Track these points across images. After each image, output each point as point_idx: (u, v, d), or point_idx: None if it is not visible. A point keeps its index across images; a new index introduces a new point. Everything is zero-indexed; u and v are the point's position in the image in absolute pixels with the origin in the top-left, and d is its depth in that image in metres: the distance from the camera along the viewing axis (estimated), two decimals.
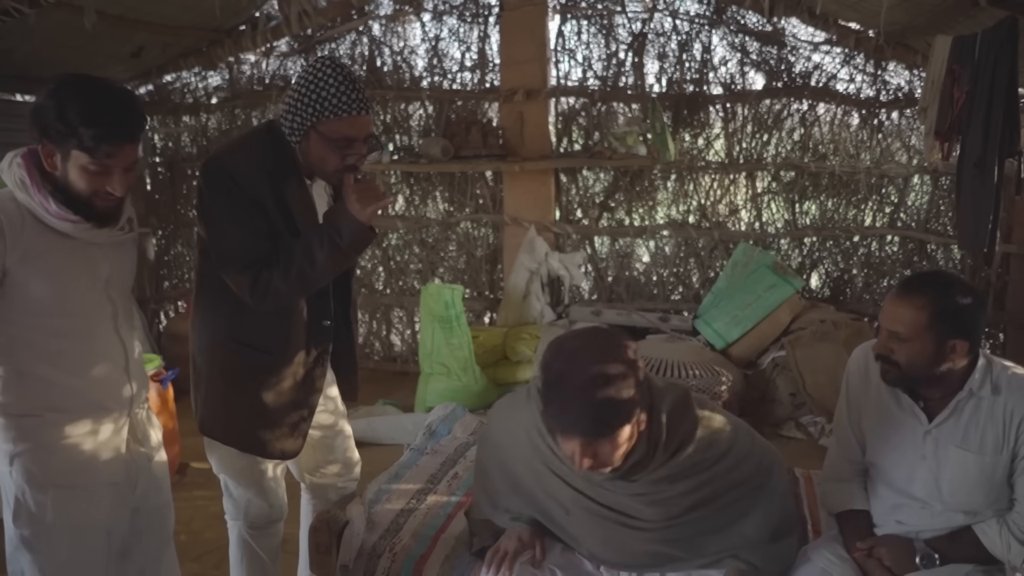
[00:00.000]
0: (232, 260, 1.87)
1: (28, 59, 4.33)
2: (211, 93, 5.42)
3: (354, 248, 1.89)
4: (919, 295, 1.75)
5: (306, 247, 1.85)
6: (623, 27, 4.92)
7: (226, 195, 1.85)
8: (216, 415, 2.06)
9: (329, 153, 1.85)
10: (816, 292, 5.03)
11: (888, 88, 4.70)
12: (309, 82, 1.82)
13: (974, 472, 1.76)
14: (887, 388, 1.89)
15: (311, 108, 1.81)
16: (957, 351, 1.73)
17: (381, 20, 5.12)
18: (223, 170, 1.86)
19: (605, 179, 5.17)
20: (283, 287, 1.86)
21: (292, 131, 1.87)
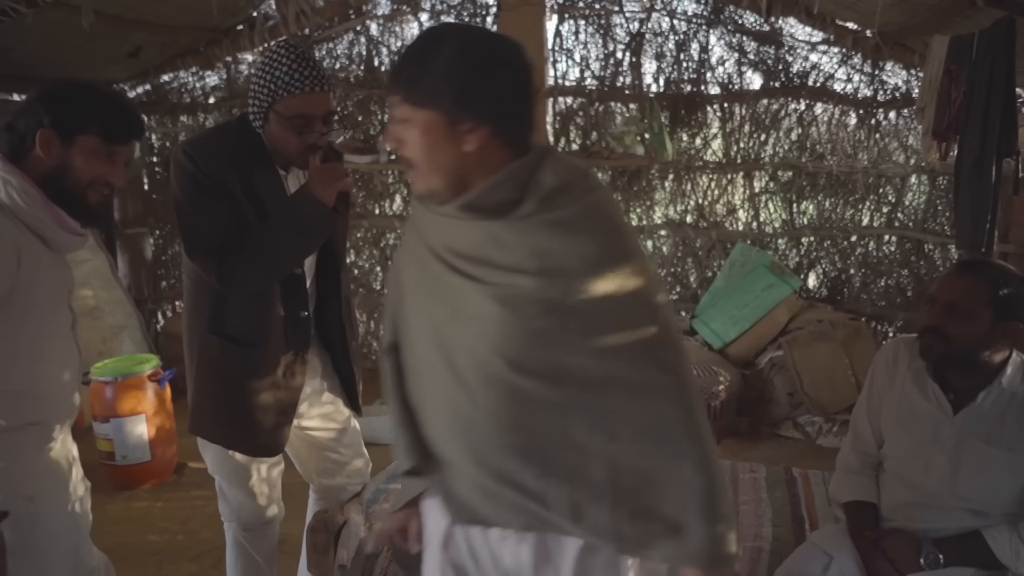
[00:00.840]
0: (197, 244, 1.88)
1: (25, 59, 4.32)
2: (209, 93, 5.41)
3: (316, 230, 1.90)
4: (984, 272, 1.77)
5: (269, 230, 1.87)
6: (621, 27, 4.93)
7: (190, 180, 1.85)
8: (202, 411, 2.06)
9: (288, 133, 1.85)
10: (813, 292, 5.03)
11: (885, 88, 4.70)
12: (264, 64, 1.84)
13: (994, 468, 1.74)
14: (914, 379, 1.88)
15: (266, 89, 1.82)
16: (1009, 334, 1.73)
17: (379, 20, 5.11)
18: (187, 155, 1.86)
19: (603, 179, 5.17)
20: (249, 271, 1.86)
21: (255, 115, 1.88)
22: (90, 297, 4.49)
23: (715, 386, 3.99)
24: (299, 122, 1.84)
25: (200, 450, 2.14)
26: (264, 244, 1.86)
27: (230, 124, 2.00)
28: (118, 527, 3.19)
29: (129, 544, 3.03)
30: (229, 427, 2.04)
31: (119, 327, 4.57)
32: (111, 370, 3.56)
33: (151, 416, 3.52)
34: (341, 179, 1.88)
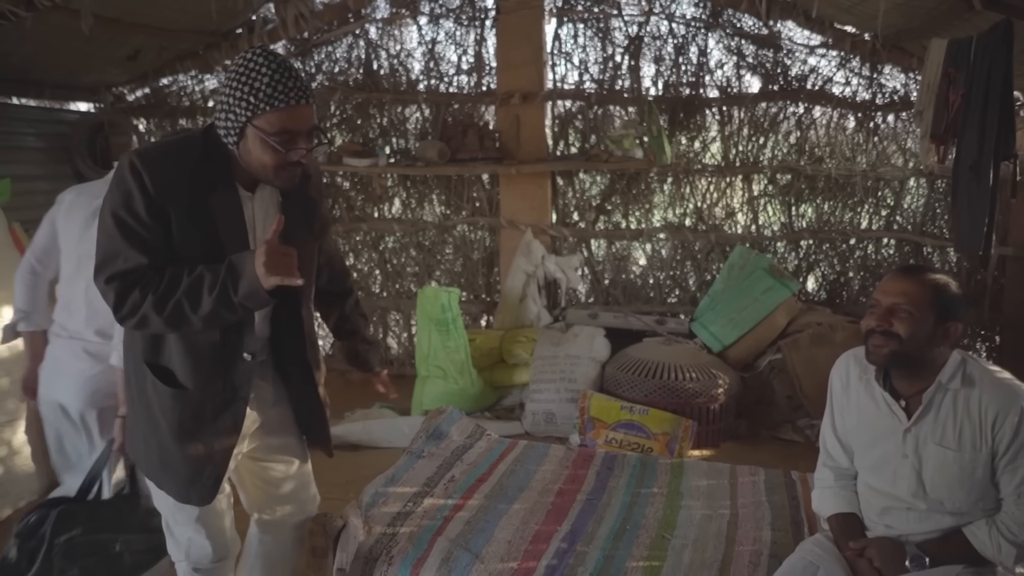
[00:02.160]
0: (107, 266, 1.68)
1: (24, 62, 4.33)
2: (207, 96, 5.41)
3: (245, 307, 1.68)
4: (923, 275, 1.83)
5: (195, 284, 1.66)
6: (619, 30, 4.93)
7: (127, 196, 1.66)
8: (135, 442, 1.92)
9: (268, 150, 1.67)
10: (812, 295, 5.03)
11: (884, 91, 4.71)
12: (240, 74, 1.64)
13: (954, 469, 1.78)
14: (865, 390, 1.93)
15: (244, 102, 1.63)
16: (951, 334, 1.80)
17: (377, 23, 5.12)
18: (134, 169, 1.65)
19: (601, 182, 5.17)
20: (152, 315, 1.66)
21: (227, 131, 1.69)
22: None
23: (714, 389, 3.98)
24: (282, 138, 1.66)
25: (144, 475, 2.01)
26: (182, 296, 1.66)
27: (192, 137, 1.77)
28: None
29: None
30: (159, 468, 1.88)
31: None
32: None
33: None
34: (290, 274, 1.64)
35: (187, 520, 1.96)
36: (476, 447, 2.91)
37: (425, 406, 4.27)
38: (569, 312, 4.85)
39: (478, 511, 2.40)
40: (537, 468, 2.75)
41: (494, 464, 2.77)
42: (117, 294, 1.66)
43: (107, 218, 1.68)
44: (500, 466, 2.75)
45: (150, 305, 1.64)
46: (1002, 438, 1.73)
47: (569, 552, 2.17)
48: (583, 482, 2.65)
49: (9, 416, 3.34)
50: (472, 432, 3.02)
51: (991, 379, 1.79)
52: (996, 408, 1.74)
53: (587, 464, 2.81)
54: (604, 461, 2.84)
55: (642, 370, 4.04)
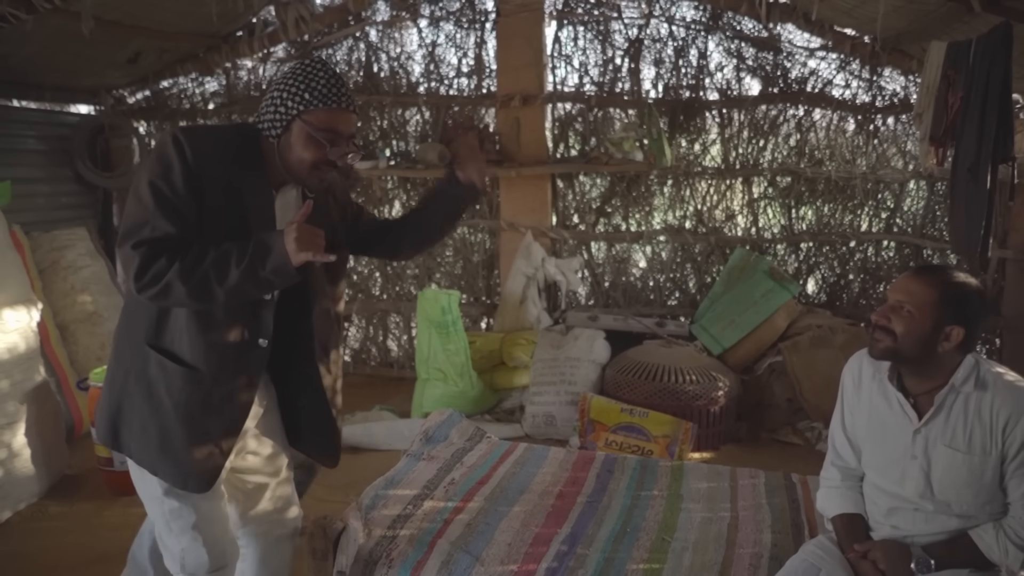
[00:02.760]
0: (134, 232, 1.66)
1: (25, 65, 4.33)
2: (208, 99, 5.42)
3: (272, 282, 1.69)
4: (935, 276, 1.83)
5: (223, 256, 1.66)
6: (619, 33, 4.94)
7: (167, 168, 1.68)
8: (128, 426, 1.84)
9: (311, 145, 1.75)
10: (812, 297, 5.03)
11: (884, 94, 4.71)
12: (297, 75, 1.76)
13: (963, 472, 1.78)
14: (878, 390, 1.92)
15: (298, 96, 1.74)
16: (952, 337, 1.78)
17: (378, 26, 5.13)
18: (177, 143, 1.69)
19: (602, 184, 5.18)
20: (177, 285, 1.63)
21: (273, 124, 1.77)
22: (89, 303, 4.48)
23: (714, 392, 3.98)
24: (327, 136, 1.76)
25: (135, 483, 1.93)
26: (209, 268, 1.65)
27: (228, 128, 1.90)
28: (116, 533, 3.17)
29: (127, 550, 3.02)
30: (158, 452, 1.82)
31: None
32: None
33: None
34: (319, 250, 1.67)
35: (183, 529, 1.89)
36: (476, 450, 2.91)
37: (425, 408, 4.27)
38: (569, 314, 4.85)
39: (478, 514, 2.39)
40: (537, 471, 2.75)
41: (494, 467, 2.77)
42: (143, 260, 1.63)
43: (143, 186, 1.68)
44: (500, 469, 2.75)
45: (176, 273, 1.62)
46: (1012, 442, 1.73)
47: (569, 555, 2.17)
48: (583, 485, 2.65)
49: (9, 419, 3.34)
50: (472, 435, 3.02)
51: (1004, 383, 1.79)
52: (1008, 412, 1.74)
53: (587, 467, 2.81)
54: (604, 464, 2.84)
55: (642, 373, 4.04)
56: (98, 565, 2.95)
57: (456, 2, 5.03)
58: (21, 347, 3.48)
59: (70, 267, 4.50)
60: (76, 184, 5.06)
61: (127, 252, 1.65)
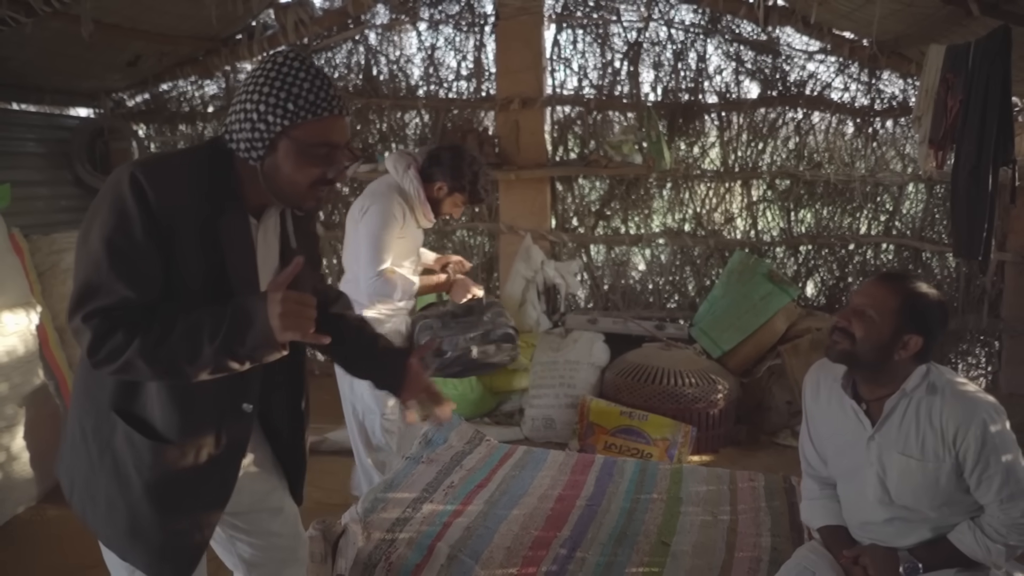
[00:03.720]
0: (85, 300, 1.38)
1: (24, 68, 4.34)
2: (207, 102, 5.43)
3: (253, 359, 1.42)
4: (899, 283, 1.83)
5: (194, 330, 1.38)
6: (618, 36, 4.95)
7: (124, 218, 1.38)
8: (94, 504, 1.56)
9: (304, 165, 1.46)
10: (812, 300, 5.03)
11: (882, 97, 4.72)
12: (274, 79, 1.43)
13: (918, 477, 1.79)
14: (835, 398, 1.94)
15: (280, 109, 1.42)
16: (910, 346, 1.79)
17: (377, 29, 5.13)
18: (136, 185, 1.37)
19: (601, 187, 5.18)
20: (139, 363, 1.37)
21: (252, 144, 1.45)
22: None
23: (713, 394, 3.98)
24: (322, 151, 1.47)
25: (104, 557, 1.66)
26: (177, 346, 1.38)
27: (195, 152, 1.52)
28: None
29: None
30: (127, 536, 1.54)
31: None
32: None
33: None
34: (310, 326, 1.41)
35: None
36: (475, 453, 2.91)
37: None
38: (568, 317, 4.85)
39: (477, 517, 2.39)
40: (536, 474, 2.75)
41: (493, 470, 2.77)
42: (95, 334, 1.36)
43: (94, 243, 1.39)
44: (499, 472, 2.75)
45: (136, 351, 1.36)
46: (967, 451, 1.73)
47: (569, 558, 2.17)
48: (582, 488, 2.65)
49: (8, 422, 3.34)
50: (471, 438, 3.02)
51: (953, 391, 1.78)
52: (957, 422, 1.74)
53: (586, 470, 2.81)
54: (603, 467, 2.84)
55: (641, 375, 4.03)
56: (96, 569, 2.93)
57: (455, 5, 5.04)
58: (20, 350, 3.48)
59: (69, 270, 4.49)
60: (75, 187, 5.05)
61: (77, 324, 1.38)
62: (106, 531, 1.57)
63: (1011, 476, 1.71)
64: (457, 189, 2.93)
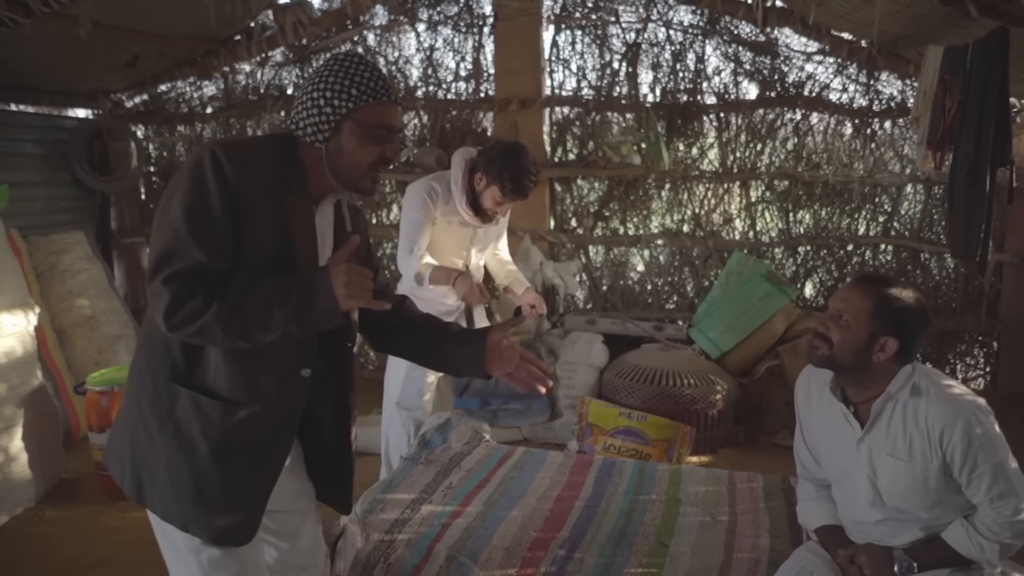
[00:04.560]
0: (165, 263, 1.46)
1: (23, 69, 4.34)
2: (206, 103, 5.43)
3: (316, 327, 1.54)
4: (871, 286, 1.85)
5: (266, 299, 1.49)
6: (617, 37, 4.95)
7: (203, 188, 1.48)
8: (155, 482, 1.60)
9: (367, 144, 1.60)
10: (810, 301, 5.04)
11: (881, 98, 4.72)
12: (337, 71, 1.59)
13: (907, 479, 1.80)
14: (826, 402, 1.96)
15: (344, 94, 1.58)
16: (886, 348, 1.80)
17: (376, 30, 5.13)
18: (215, 159, 1.49)
19: (599, 188, 5.18)
20: (215, 328, 1.46)
21: (319, 127, 1.59)
22: (86, 307, 4.48)
23: (712, 395, 3.98)
24: (381, 132, 1.61)
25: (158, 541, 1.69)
26: (249, 312, 1.48)
27: (267, 138, 1.66)
28: (113, 537, 3.17)
29: (124, 555, 3.02)
30: (192, 504, 1.59)
31: (115, 337, 4.56)
32: (107, 380, 3.55)
33: None
34: (370, 295, 1.52)
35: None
36: (474, 453, 2.91)
37: None
38: (567, 318, 4.85)
39: (476, 518, 2.39)
40: (535, 475, 2.75)
41: (492, 470, 2.77)
42: (174, 296, 1.44)
43: (175, 211, 1.48)
44: (498, 472, 2.75)
45: (213, 316, 1.45)
46: (953, 452, 1.74)
47: (568, 559, 2.17)
48: (581, 488, 2.65)
49: (6, 423, 3.34)
50: (470, 438, 3.02)
51: (937, 392, 1.79)
52: (942, 423, 1.75)
53: (585, 470, 2.81)
54: (602, 467, 2.84)
55: (640, 376, 4.04)
56: (95, 570, 2.95)
57: (454, 6, 5.04)
58: (18, 351, 3.48)
59: (68, 271, 4.49)
60: (74, 188, 5.06)
61: (156, 287, 1.45)
62: (167, 504, 1.61)
63: (1000, 475, 1.72)
64: (494, 181, 2.90)
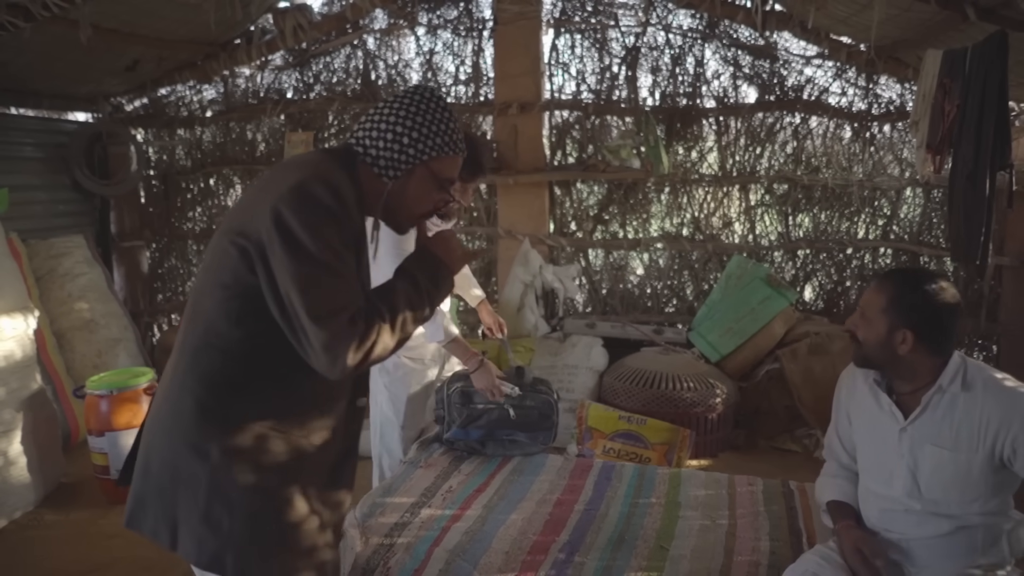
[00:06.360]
0: (339, 310, 1.40)
1: (23, 72, 4.34)
2: (206, 106, 5.43)
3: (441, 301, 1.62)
4: (888, 282, 1.89)
5: (406, 296, 1.52)
6: (616, 41, 4.96)
7: (334, 224, 1.45)
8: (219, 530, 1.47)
9: (431, 193, 1.62)
10: (810, 304, 5.04)
11: (880, 101, 4.73)
12: (426, 112, 1.59)
13: (950, 470, 1.81)
14: (870, 392, 1.98)
15: (431, 140, 1.58)
16: (905, 341, 1.83)
17: (376, 34, 5.14)
18: (332, 189, 1.46)
19: (599, 192, 5.18)
20: (390, 343, 1.47)
21: (394, 164, 1.58)
22: (86, 310, 4.48)
23: (712, 399, 3.98)
24: (447, 184, 1.63)
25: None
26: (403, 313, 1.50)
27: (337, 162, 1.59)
28: (112, 541, 3.17)
29: (123, 559, 3.01)
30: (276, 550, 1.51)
31: (115, 340, 4.56)
32: (107, 383, 3.55)
33: None
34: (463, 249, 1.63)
35: None
36: (473, 457, 2.90)
37: None
38: (567, 322, 4.85)
39: (476, 521, 2.39)
40: (535, 478, 2.75)
41: (492, 474, 2.76)
42: (361, 334, 1.42)
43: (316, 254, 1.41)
44: (498, 476, 2.75)
45: (387, 334, 1.46)
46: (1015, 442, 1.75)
47: (567, 563, 2.17)
48: (581, 492, 2.65)
49: (5, 426, 3.33)
50: None
51: (992, 384, 1.81)
52: (999, 415, 1.76)
53: (585, 474, 2.80)
54: (602, 471, 2.83)
55: (640, 380, 4.03)
56: (94, 574, 2.94)
57: (454, 10, 5.05)
58: (18, 355, 3.48)
59: (67, 275, 4.50)
60: (74, 192, 5.06)
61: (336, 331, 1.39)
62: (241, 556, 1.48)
63: None
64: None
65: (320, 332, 1.39)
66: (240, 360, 1.49)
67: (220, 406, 1.49)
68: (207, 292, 1.52)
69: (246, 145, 5.43)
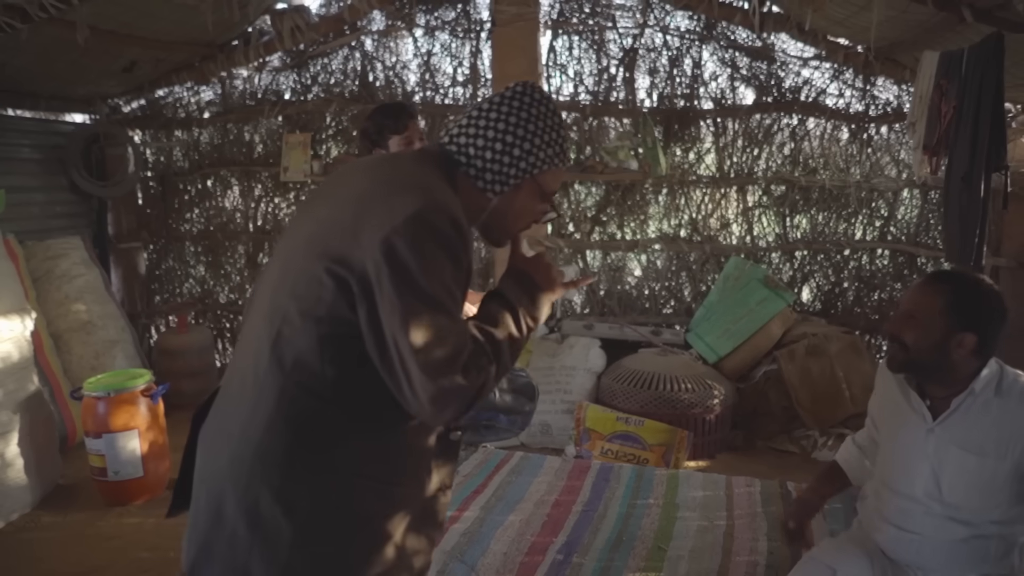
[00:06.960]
0: (451, 359, 1.24)
1: (20, 74, 4.33)
2: (203, 108, 5.42)
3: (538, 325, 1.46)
4: (943, 283, 1.82)
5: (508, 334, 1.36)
6: (614, 42, 4.96)
7: (454, 260, 1.29)
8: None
9: (535, 208, 1.50)
10: (807, 305, 5.04)
11: (877, 103, 4.74)
12: (538, 118, 1.43)
13: (974, 474, 1.78)
14: (900, 385, 1.93)
15: (543, 152, 1.42)
16: (964, 344, 1.77)
17: (373, 35, 5.14)
18: (454, 222, 1.29)
19: (597, 193, 5.19)
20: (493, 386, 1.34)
21: (502, 178, 1.42)
22: (83, 312, 4.47)
23: (709, 400, 3.98)
24: (551, 197, 1.51)
25: None
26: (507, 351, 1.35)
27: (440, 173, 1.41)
28: (109, 543, 3.16)
29: (120, 561, 3.01)
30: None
31: (112, 342, 4.55)
32: (104, 385, 3.54)
33: (144, 431, 3.50)
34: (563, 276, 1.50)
35: None
36: (472, 459, 2.90)
37: None
38: (564, 323, 4.85)
39: (474, 523, 2.39)
40: (533, 480, 2.75)
41: (490, 475, 2.77)
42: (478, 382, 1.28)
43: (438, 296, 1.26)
44: (496, 478, 2.75)
45: (493, 379, 1.31)
46: None
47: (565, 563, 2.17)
48: (579, 493, 2.65)
49: (2, 428, 3.33)
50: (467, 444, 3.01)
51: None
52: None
53: (583, 475, 2.80)
54: (600, 472, 2.84)
55: (637, 381, 4.03)
56: None
57: (451, 12, 5.05)
58: (15, 356, 3.47)
59: (64, 276, 4.49)
60: (71, 193, 5.05)
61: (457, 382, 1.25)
62: None
63: None
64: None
65: (430, 385, 1.23)
66: (335, 405, 1.31)
67: (313, 456, 1.31)
68: (293, 321, 1.30)
69: (244, 146, 5.42)
